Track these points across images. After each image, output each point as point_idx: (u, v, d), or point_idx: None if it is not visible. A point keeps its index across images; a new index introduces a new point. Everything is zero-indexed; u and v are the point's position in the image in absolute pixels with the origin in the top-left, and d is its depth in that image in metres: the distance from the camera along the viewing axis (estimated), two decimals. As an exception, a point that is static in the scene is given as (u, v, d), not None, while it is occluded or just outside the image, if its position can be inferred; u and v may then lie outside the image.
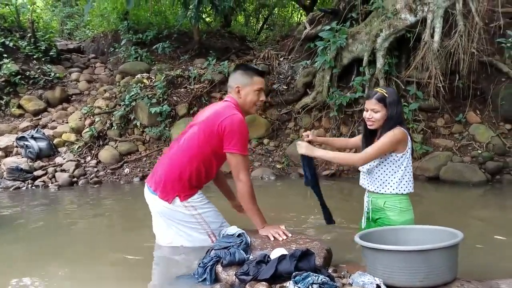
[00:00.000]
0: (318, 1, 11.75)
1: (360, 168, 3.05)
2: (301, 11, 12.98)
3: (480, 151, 6.51)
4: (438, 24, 6.56)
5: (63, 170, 7.03)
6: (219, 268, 2.52)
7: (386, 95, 2.86)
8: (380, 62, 7.01)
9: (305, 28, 8.49)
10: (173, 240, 3.06)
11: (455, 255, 2.26)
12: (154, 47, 9.53)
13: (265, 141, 7.53)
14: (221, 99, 7.86)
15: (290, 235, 2.78)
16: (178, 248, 3.05)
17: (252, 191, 2.83)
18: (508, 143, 6.57)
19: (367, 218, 3.05)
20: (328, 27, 7.30)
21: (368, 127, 2.94)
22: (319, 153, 2.96)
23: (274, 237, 2.76)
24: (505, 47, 6.90)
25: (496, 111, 6.87)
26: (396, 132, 2.82)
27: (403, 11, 6.80)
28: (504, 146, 6.51)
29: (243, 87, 2.92)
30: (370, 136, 2.98)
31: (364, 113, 2.96)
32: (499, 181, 6.20)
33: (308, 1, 11.69)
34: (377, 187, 2.93)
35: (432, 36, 6.59)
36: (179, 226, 2.99)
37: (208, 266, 2.51)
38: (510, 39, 6.84)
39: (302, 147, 2.93)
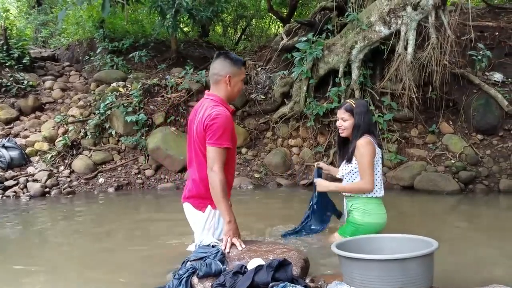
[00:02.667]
0: (295, 13, 11.89)
1: (338, 176, 3.43)
2: (278, 22, 13.11)
3: (453, 161, 6.64)
4: (412, 36, 6.71)
5: (35, 180, 6.85)
6: (194, 279, 2.47)
7: (354, 106, 3.26)
8: (355, 73, 7.12)
9: (282, 39, 8.56)
10: None
11: (431, 264, 2.28)
12: (131, 55, 9.44)
13: (243, 150, 7.52)
14: (198, 108, 7.84)
15: (243, 247, 2.70)
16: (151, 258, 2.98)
17: (224, 185, 2.69)
18: (480, 153, 6.73)
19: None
20: (304, 39, 7.38)
21: (340, 134, 3.37)
22: (333, 187, 3.38)
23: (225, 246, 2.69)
24: (476, 60, 7.10)
25: (468, 122, 7.03)
26: (363, 143, 3.15)
27: (377, 23, 6.93)
28: (477, 156, 6.66)
29: (233, 77, 2.87)
30: (343, 144, 3.42)
31: (337, 122, 3.36)
32: (472, 190, 6.32)
33: (285, 13, 11.82)
34: None
35: (405, 48, 6.73)
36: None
37: (183, 278, 2.45)
38: (481, 52, 7.05)
39: (322, 186, 3.38)
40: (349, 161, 3.24)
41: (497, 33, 7.76)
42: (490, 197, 6.06)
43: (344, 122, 3.27)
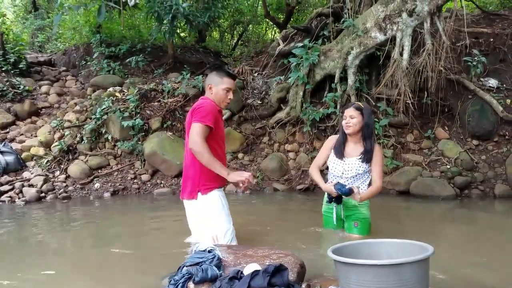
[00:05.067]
0: (291, 18, 11.94)
1: (335, 176, 3.68)
2: (275, 28, 13.16)
3: (448, 166, 6.67)
4: (407, 42, 6.75)
5: (30, 185, 6.83)
6: (190, 285, 2.46)
7: (362, 106, 3.61)
8: (351, 78, 7.15)
9: (279, 44, 8.60)
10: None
11: (426, 269, 2.29)
12: (127, 60, 9.45)
13: (240, 155, 7.52)
14: (195, 113, 7.85)
15: (254, 182, 3.01)
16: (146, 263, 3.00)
17: (208, 150, 3.07)
18: (476, 158, 6.76)
19: (338, 217, 3.71)
20: (301, 44, 7.42)
21: (345, 131, 3.60)
22: (364, 197, 3.55)
23: (242, 183, 3.06)
24: (471, 66, 7.15)
25: (463, 127, 7.07)
26: (379, 149, 3.61)
27: (373, 29, 6.97)
28: (472, 162, 6.69)
29: (214, 86, 3.34)
30: (343, 144, 3.68)
31: (343, 121, 3.60)
32: (468, 195, 6.35)
33: (282, 19, 11.87)
34: None
35: (401, 54, 6.77)
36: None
37: (179, 284, 2.45)
38: (476, 58, 7.10)
39: (357, 198, 3.50)
40: (368, 161, 3.57)
41: (492, 39, 7.82)
42: (485, 202, 6.08)
43: (352, 119, 3.54)
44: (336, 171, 3.67)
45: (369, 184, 3.65)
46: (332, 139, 3.84)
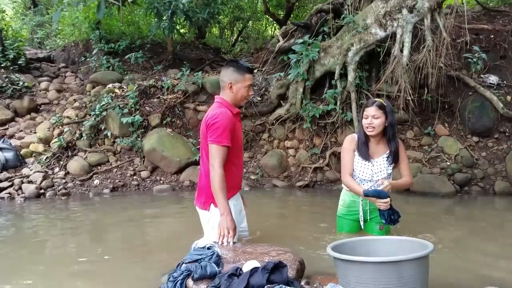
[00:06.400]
0: (291, 15, 11.91)
1: (364, 180, 3.37)
2: (275, 24, 13.13)
3: (448, 163, 6.66)
4: (407, 39, 6.72)
5: (30, 182, 6.82)
6: (189, 282, 2.46)
7: (385, 104, 3.25)
8: (351, 75, 7.13)
9: (279, 41, 8.56)
10: None
11: (426, 267, 2.28)
12: (127, 56, 9.42)
13: (239, 152, 7.50)
14: (195, 109, 7.84)
15: (231, 243, 2.87)
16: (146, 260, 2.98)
17: (221, 179, 2.90)
18: (476, 155, 6.75)
19: (364, 220, 3.40)
20: (301, 41, 7.39)
21: (368, 133, 3.28)
22: (395, 185, 3.36)
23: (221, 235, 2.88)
24: (471, 62, 7.12)
25: (463, 124, 7.06)
26: (402, 145, 3.40)
27: (373, 26, 6.95)
28: (472, 158, 6.68)
29: (235, 83, 3.09)
30: (367, 144, 3.35)
31: (364, 120, 3.28)
32: (468, 192, 6.35)
33: (282, 15, 11.84)
34: None
35: (401, 50, 6.75)
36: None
37: (178, 281, 2.44)
38: (476, 55, 7.07)
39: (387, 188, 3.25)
40: (396, 161, 3.35)
41: (492, 36, 7.79)
42: (485, 199, 6.08)
43: (375, 119, 3.23)
44: (364, 174, 3.34)
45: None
46: (352, 140, 3.44)
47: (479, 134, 6.95)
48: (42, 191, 6.67)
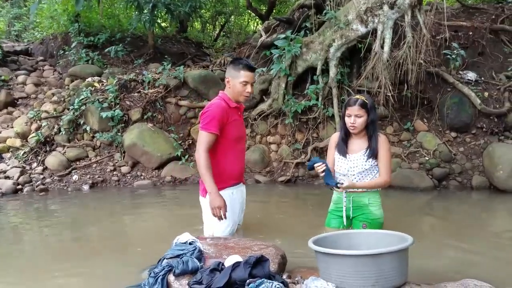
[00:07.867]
0: (274, 10, 11.89)
1: (340, 174, 3.33)
2: (257, 19, 13.10)
3: (427, 158, 6.76)
4: (388, 35, 6.78)
5: (7, 177, 6.68)
6: (171, 277, 2.44)
7: (367, 101, 3.24)
8: (333, 71, 7.16)
9: (261, 36, 8.55)
10: None
11: (405, 259, 2.32)
12: (107, 50, 9.28)
13: (221, 147, 7.47)
14: (176, 104, 7.78)
15: (224, 219, 3.04)
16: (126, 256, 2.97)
17: (205, 161, 3.04)
18: (454, 150, 6.87)
19: (347, 216, 3.32)
20: (283, 36, 7.38)
21: (351, 131, 3.29)
22: (363, 185, 3.27)
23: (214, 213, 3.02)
24: (450, 59, 7.23)
25: (442, 120, 7.17)
26: (384, 139, 3.29)
27: (354, 22, 6.98)
28: (450, 153, 6.80)
29: (232, 79, 3.27)
30: (346, 140, 3.35)
31: (346, 119, 3.27)
32: (446, 186, 6.46)
33: (264, 10, 11.81)
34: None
35: (382, 46, 6.80)
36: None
37: (159, 276, 2.43)
38: (455, 51, 7.18)
39: (348, 187, 3.20)
40: (375, 157, 3.27)
41: (470, 33, 7.93)
42: (463, 194, 6.20)
43: (358, 118, 3.22)
44: (341, 169, 3.35)
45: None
46: (335, 137, 3.50)
47: (457, 130, 7.07)
48: (20, 186, 6.54)
